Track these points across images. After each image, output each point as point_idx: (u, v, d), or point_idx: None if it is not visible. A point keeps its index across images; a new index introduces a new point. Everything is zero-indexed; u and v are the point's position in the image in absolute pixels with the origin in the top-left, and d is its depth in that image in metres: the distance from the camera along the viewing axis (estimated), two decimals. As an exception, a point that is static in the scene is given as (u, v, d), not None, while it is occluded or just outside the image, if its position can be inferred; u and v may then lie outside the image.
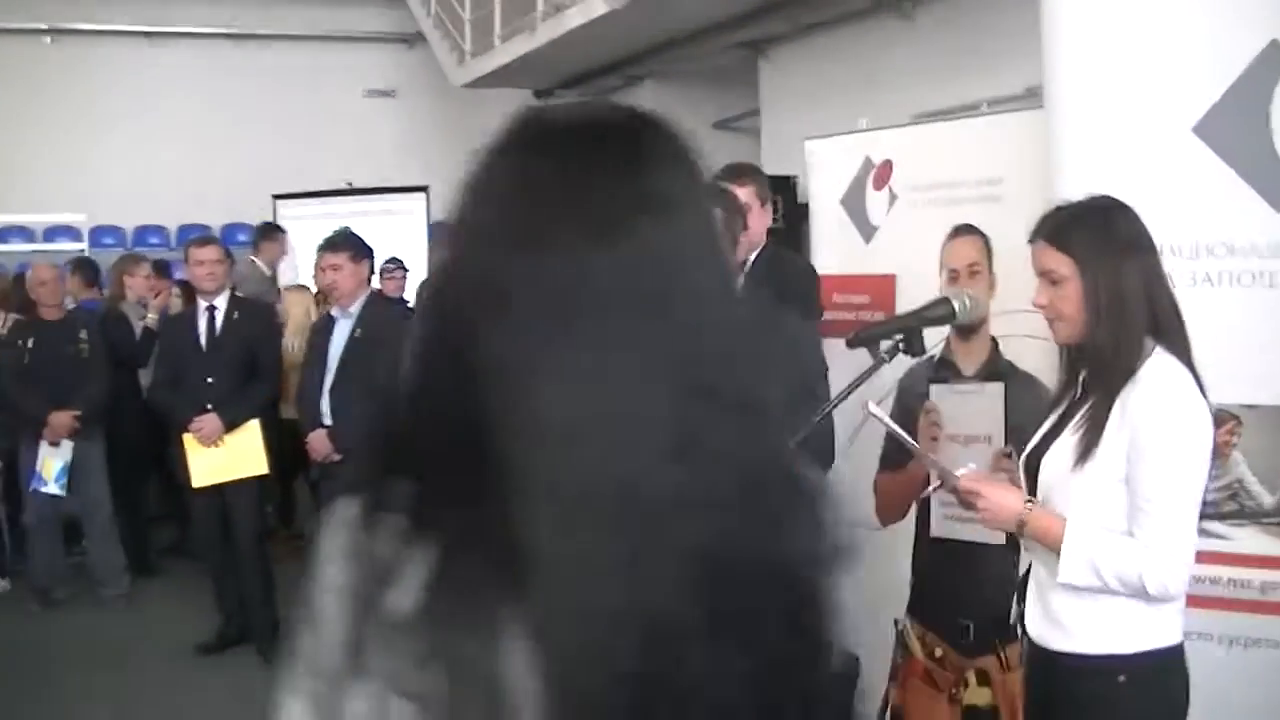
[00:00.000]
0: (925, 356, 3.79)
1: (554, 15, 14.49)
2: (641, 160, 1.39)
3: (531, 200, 1.36)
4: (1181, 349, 3.34)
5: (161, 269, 12.41)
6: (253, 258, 13.12)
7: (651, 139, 1.41)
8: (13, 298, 10.46)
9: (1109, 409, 3.30)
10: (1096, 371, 3.39)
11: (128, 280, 10.94)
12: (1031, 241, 3.51)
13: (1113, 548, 3.29)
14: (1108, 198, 3.48)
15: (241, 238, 17.51)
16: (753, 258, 5.77)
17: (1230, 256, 4.36)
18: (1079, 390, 3.49)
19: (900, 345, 3.67)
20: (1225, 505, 4.28)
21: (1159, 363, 3.30)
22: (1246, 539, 4.34)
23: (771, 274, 5.85)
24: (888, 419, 4.11)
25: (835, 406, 3.63)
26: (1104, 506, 3.30)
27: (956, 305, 3.78)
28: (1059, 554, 3.35)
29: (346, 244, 7.36)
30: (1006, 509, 3.42)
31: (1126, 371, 3.29)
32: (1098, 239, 3.37)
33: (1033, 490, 3.47)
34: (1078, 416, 3.41)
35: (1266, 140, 4.30)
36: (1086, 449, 3.32)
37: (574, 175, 1.35)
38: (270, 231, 13.70)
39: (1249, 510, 4.35)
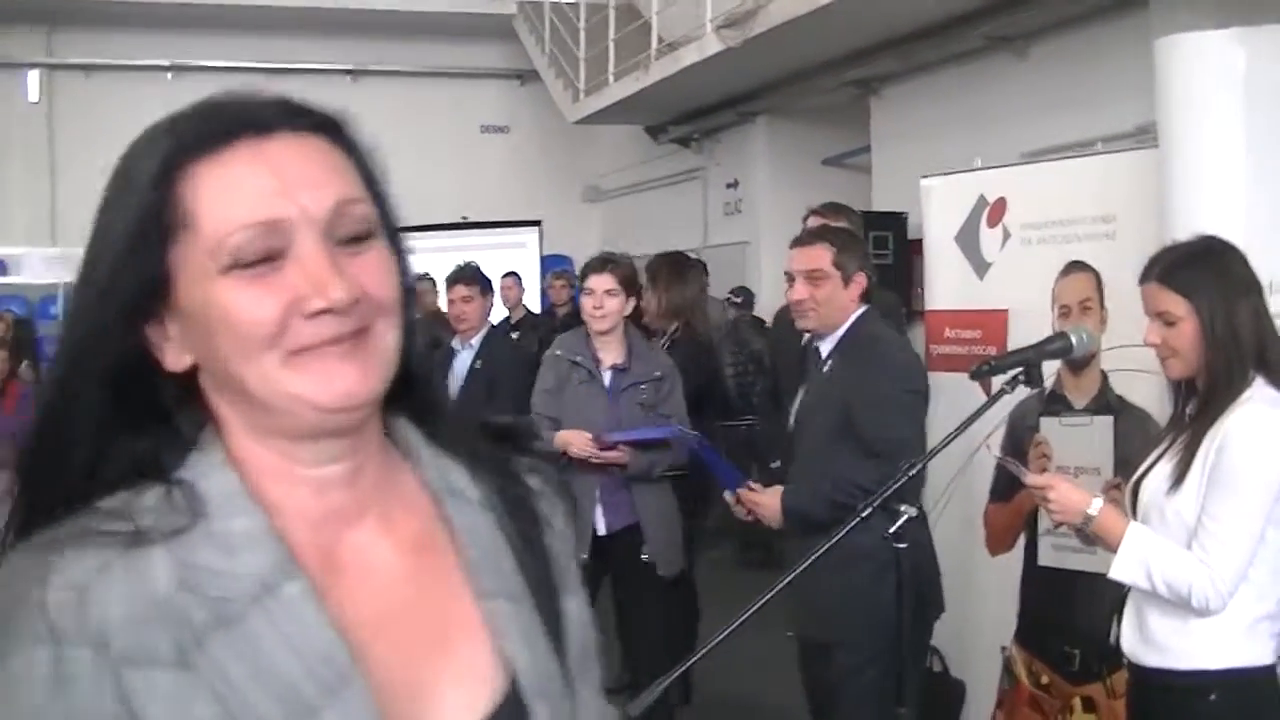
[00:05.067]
0: (1036, 390, 3.92)
1: (668, 53, 14.68)
2: None
3: None
4: None
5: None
6: None
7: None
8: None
9: (1203, 436, 3.42)
10: (1203, 402, 3.50)
11: None
12: (1143, 283, 3.61)
13: (1168, 556, 3.41)
14: (1215, 238, 3.60)
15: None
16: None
17: (1338, 292, 4.47)
18: (1186, 420, 3.60)
19: (1020, 378, 3.80)
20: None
21: (1256, 393, 3.41)
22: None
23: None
24: (997, 452, 4.29)
25: (955, 438, 3.75)
26: (1193, 529, 3.42)
27: (1074, 339, 3.90)
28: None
29: (476, 277, 7.52)
30: (1075, 503, 3.55)
31: (1229, 401, 3.41)
32: (1211, 280, 3.48)
33: (1135, 516, 3.59)
34: (1177, 443, 3.53)
35: (1375, 176, 4.41)
36: (1180, 474, 3.45)
37: None
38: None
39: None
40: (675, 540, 6.51)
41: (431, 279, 12.93)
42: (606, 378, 6.32)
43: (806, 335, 5.27)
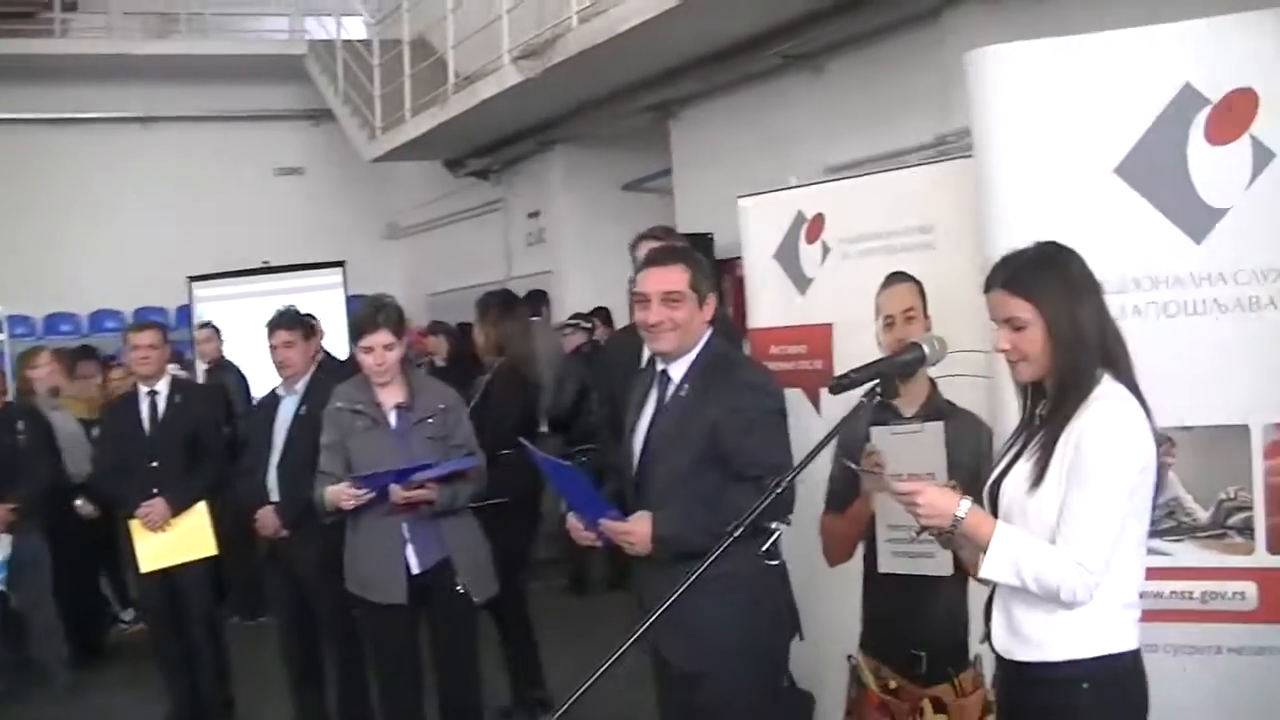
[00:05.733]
0: (866, 401, 3.95)
1: (465, 86, 14.66)
2: None
3: None
4: (1128, 377, 3.57)
5: (87, 353, 12.43)
6: None
7: None
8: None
9: (1059, 435, 3.52)
10: (1055, 404, 3.59)
11: (31, 374, 10.71)
12: (988, 291, 3.69)
13: (1036, 552, 3.49)
14: (1054, 243, 3.69)
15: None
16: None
17: (1155, 289, 4.62)
18: (1037, 422, 3.69)
19: (878, 390, 3.86)
20: (1164, 522, 4.49)
21: (1106, 390, 3.52)
22: (1185, 553, 4.55)
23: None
24: (851, 464, 4.35)
25: (820, 452, 3.80)
26: (1054, 526, 3.51)
27: (927, 349, 3.98)
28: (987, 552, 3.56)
29: (298, 322, 7.43)
30: (944, 506, 3.59)
31: (1080, 400, 3.51)
32: (1056, 283, 3.58)
33: (995, 517, 3.66)
34: (1032, 444, 3.62)
35: (1184, 178, 4.57)
36: (1039, 473, 3.53)
37: None
38: None
39: (1185, 526, 4.56)
40: (486, 566, 6.63)
41: (215, 326, 12.79)
42: (392, 418, 6.38)
43: (647, 358, 5.21)
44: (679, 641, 4.60)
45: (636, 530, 4.66)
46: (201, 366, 12.96)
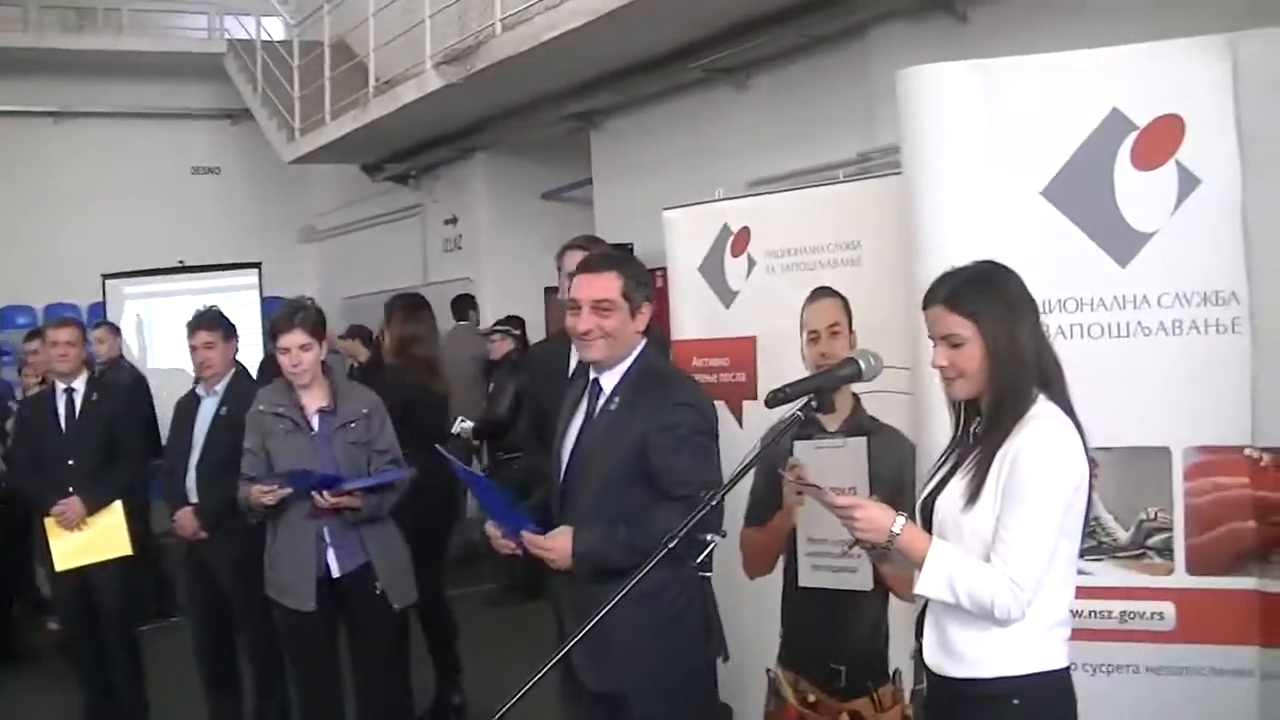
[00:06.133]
0: (789, 415, 3.93)
1: (386, 90, 14.62)
2: None
3: None
4: (1063, 398, 3.60)
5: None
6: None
7: None
8: None
9: (995, 453, 3.54)
10: (991, 421, 3.61)
11: None
12: (927, 307, 3.70)
13: (970, 569, 3.51)
14: (993, 262, 3.70)
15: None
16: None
17: (1079, 310, 4.67)
18: (970, 440, 3.71)
19: (813, 404, 3.85)
20: (1085, 541, 4.50)
21: (1041, 409, 3.54)
22: (1105, 572, 4.59)
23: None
24: (790, 478, 4.33)
25: (753, 465, 3.80)
26: (989, 544, 3.53)
27: (862, 364, 3.96)
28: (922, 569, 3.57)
29: (219, 322, 7.36)
30: (880, 522, 3.59)
31: (1016, 419, 3.53)
32: (995, 302, 3.59)
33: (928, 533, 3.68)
34: (967, 461, 3.64)
35: (1110, 200, 4.61)
36: (975, 491, 3.54)
37: None
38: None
39: (1106, 546, 4.61)
40: (406, 571, 6.60)
41: (113, 326, 12.66)
42: (315, 422, 6.35)
43: (575, 365, 5.13)
44: (597, 663, 4.49)
45: (556, 546, 4.55)
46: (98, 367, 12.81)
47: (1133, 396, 4.60)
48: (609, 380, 4.74)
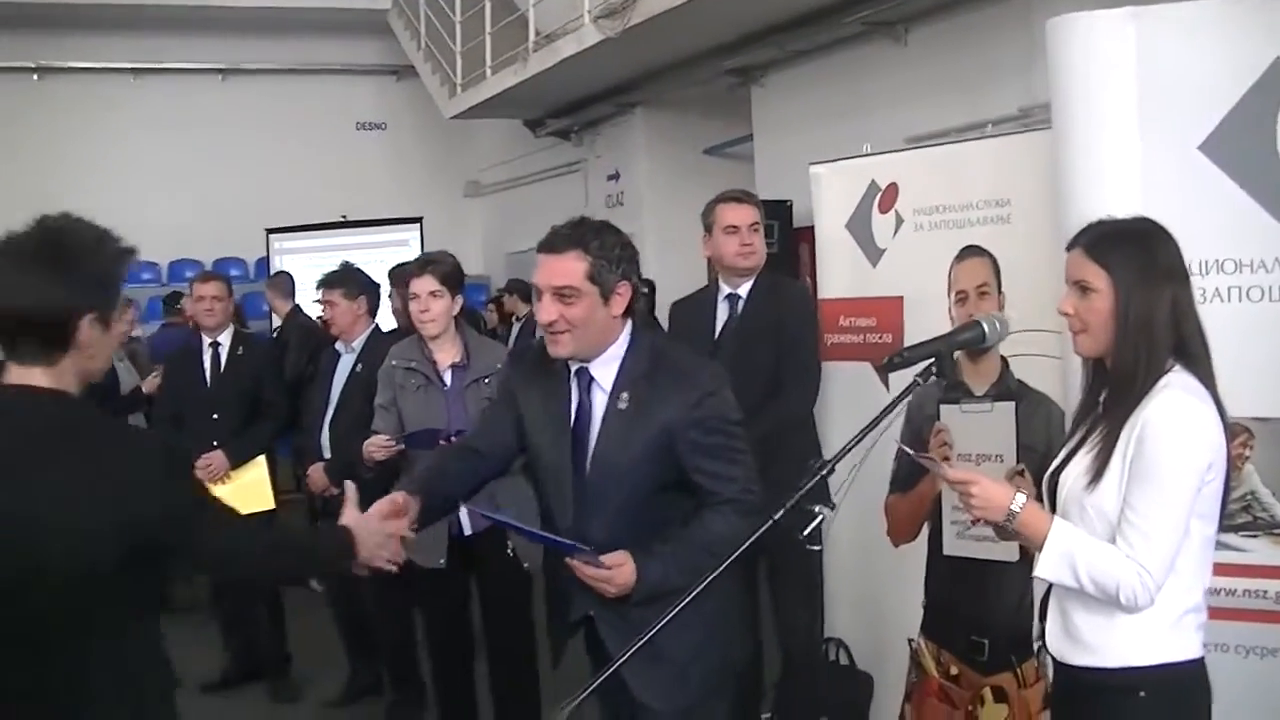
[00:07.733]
0: (920, 381, 3.69)
1: (545, 45, 14.56)
2: None
3: None
4: (1204, 371, 3.37)
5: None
6: None
7: None
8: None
9: (1121, 427, 3.33)
10: (1117, 392, 3.40)
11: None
12: (1069, 249, 3.50)
13: (1093, 551, 3.30)
14: (1151, 221, 3.48)
15: (235, 272, 17.52)
16: (750, 283, 6.04)
17: (1238, 272, 4.42)
18: (1100, 410, 3.50)
19: (932, 370, 3.65)
20: (1239, 517, 4.30)
21: (1174, 380, 3.31)
22: (1261, 550, 4.35)
23: (770, 299, 5.97)
24: (908, 449, 4.09)
25: (870, 432, 3.60)
26: (1115, 524, 3.33)
27: (986, 328, 3.75)
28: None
29: (340, 281, 7.36)
30: (998, 499, 3.41)
31: (1144, 389, 3.32)
32: (1137, 261, 3.36)
33: (1053, 510, 3.49)
34: (1094, 436, 3.43)
35: (1272, 156, 4.35)
36: (1100, 468, 3.33)
37: None
38: None
39: (1262, 522, 4.37)
40: None
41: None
42: (447, 377, 6.25)
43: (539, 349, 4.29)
44: (644, 678, 3.99)
45: (616, 579, 3.92)
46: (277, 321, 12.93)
47: (1293, 363, 4.36)
48: (604, 373, 4.10)
